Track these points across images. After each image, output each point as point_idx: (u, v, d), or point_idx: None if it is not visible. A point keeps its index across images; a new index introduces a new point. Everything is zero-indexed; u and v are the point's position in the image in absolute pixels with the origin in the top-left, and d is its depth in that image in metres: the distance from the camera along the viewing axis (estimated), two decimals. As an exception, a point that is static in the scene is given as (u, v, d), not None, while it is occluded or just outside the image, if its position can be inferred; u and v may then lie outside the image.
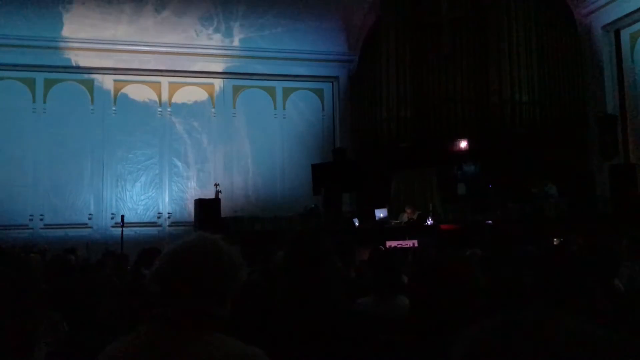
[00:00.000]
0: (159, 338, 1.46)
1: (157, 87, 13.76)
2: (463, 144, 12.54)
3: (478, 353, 0.69)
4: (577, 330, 0.67)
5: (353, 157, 13.67)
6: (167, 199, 13.56)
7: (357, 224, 11.56)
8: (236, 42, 13.93)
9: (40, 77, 13.04)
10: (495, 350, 0.68)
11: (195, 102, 13.99)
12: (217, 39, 13.79)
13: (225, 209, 12.72)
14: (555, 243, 8.17)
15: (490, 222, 10.88)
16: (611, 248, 4.05)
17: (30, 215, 12.64)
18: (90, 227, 12.93)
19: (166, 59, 13.55)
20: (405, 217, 11.40)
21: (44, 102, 13.03)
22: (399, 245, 9.61)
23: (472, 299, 1.78)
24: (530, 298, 2.64)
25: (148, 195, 13.44)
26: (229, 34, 13.81)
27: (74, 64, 13.08)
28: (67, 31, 12.80)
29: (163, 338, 1.45)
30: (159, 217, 13.44)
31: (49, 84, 13.11)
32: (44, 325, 2.25)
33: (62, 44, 12.85)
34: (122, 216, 11.73)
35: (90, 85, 13.35)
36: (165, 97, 13.78)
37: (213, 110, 14.04)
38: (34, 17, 12.49)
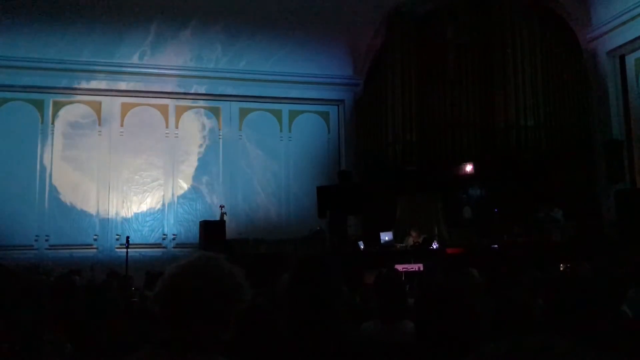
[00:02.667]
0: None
1: (164, 109, 13.85)
2: (469, 168, 12.54)
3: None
4: (583, 358, 0.67)
5: (358, 180, 13.65)
6: (172, 221, 13.56)
7: (362, 247, 11.51)
8: (243, 66, 14.03)
9: (48, 99, 13.17)
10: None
11: (202, 125, 14.06)
12: (224, 62, 13.89)
13: (230, 230, 12.72)
14: (561, 269, 8.10)
15: (496, 246, 10.83)
16: (618, 273, 4.02)
17: (36, 236, 12.66)
18: (95, 248, 12.93)
19: (173, 82, 13.68)
20: (410, 241, 11.35)
21: (52, 123, 13.12)
22: (404, 269, 9.55)
23: (478, 323, 1.76)
24: (536, 323, 2.62)
25: (153, 216, 13.46)
26: (235, 57, 13.92)
27: (82, 86, 13.20)
28: (75, 53, 12.92)
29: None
30: (164, 239, 13.43)
31: (57, 105, 13.22)
32: (50, 348, 2.25)
33: (70, 66, 12.97)
34: (127, 237, 11.72)
35: (98, 107, 13.45)
36: (172, 119, 13.87)
37: (219, 132, 14.11)
38: (42, 39, 12.62)
